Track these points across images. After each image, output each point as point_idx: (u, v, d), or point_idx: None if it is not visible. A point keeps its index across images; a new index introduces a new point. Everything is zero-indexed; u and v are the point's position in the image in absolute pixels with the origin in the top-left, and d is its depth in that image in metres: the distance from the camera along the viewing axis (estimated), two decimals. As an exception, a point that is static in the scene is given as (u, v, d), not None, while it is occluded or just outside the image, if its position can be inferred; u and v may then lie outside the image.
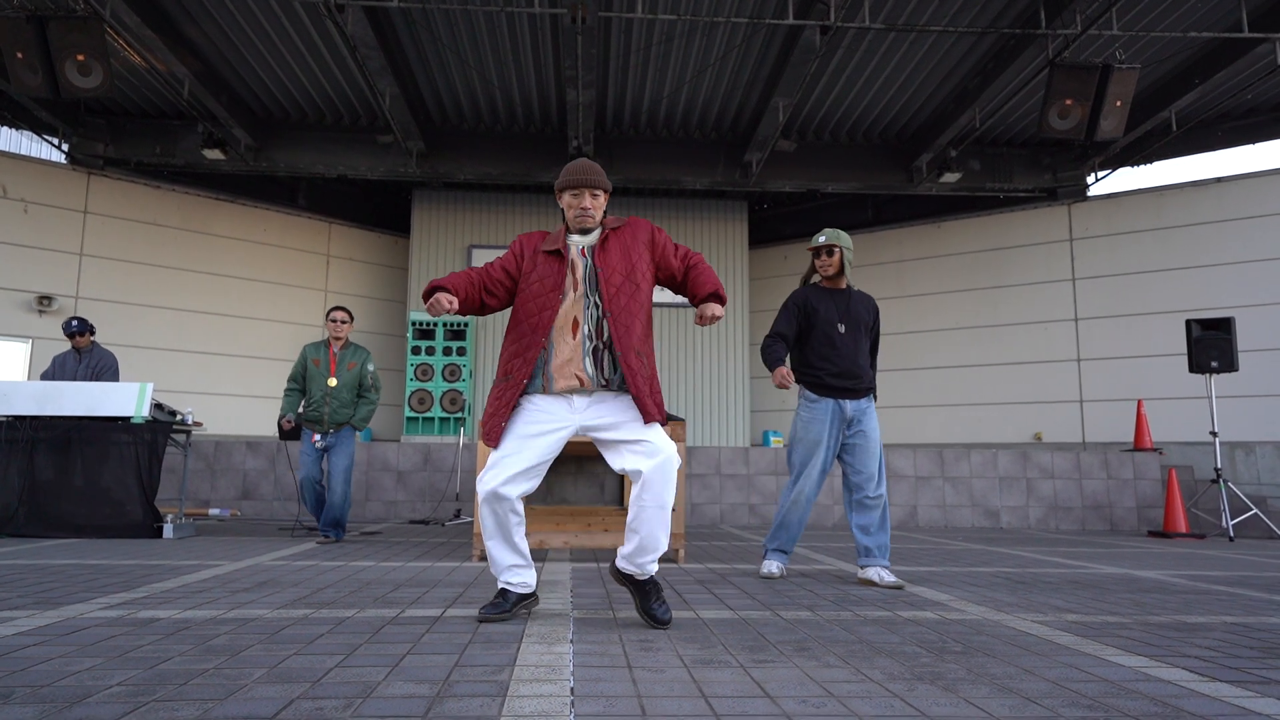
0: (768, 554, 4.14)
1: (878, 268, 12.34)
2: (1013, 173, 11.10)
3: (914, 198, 12.15)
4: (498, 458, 2.71)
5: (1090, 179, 11.20)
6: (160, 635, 2.45)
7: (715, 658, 2.28)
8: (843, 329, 3.99)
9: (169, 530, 5.83)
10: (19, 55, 6.92)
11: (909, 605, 3.27)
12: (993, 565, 4.89)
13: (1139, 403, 9.55)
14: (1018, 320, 11.43)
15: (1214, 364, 8.05)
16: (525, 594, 2.83)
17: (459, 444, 8.53)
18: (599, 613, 2.99)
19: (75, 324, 6.47)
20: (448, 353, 11.20)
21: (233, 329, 11.52)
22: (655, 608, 2.71)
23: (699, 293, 2.86)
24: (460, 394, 10.97)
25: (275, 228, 12.03)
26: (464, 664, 2.16)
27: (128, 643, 2.34)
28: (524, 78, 9.49)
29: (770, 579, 4.03)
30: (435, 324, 11.28)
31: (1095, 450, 9.47)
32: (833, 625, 2.81)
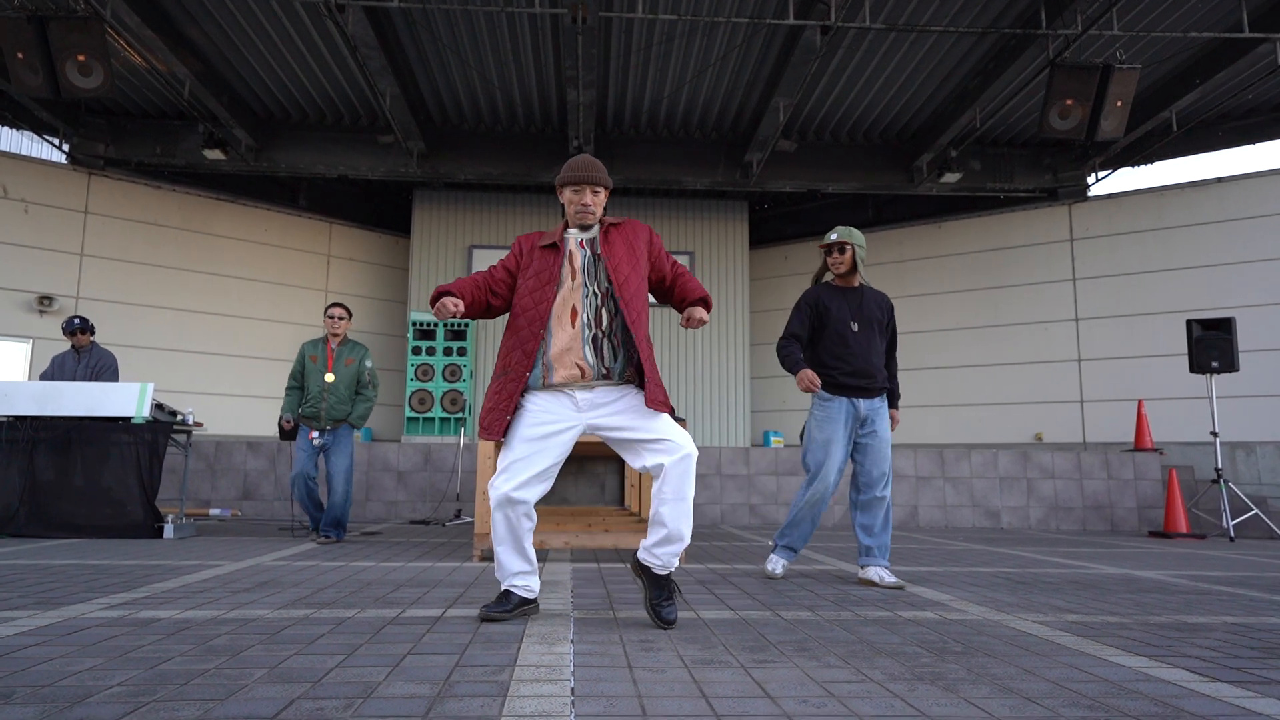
0: (776, 549, 4.10)
1: (878, 268, 12.34)
2: (1013, 173, 11.10)
3: (914, 198, 12.15)
4: (508, 462, 2.72)
5: (1091, 179, 11.20)
6: (161, 635, 2.46)
7: (716, 658, 2.28)
8: (856, 327, 3.98)
9: (170, 530, 5.83)
10: (20, 55, 6.93)
11: (909, 605, 3.27)
12: (993, 565, 4.88)
13: (1139, 403, 9.55)
14: (1018, 320, 11.43)
15: (1215, 364, 8.05)
16: (528, 599, 2.85)
17: (459, 444, 8.53)
18: (599, 613, 2.99)
19: (78, 322, 6.47)
20: (448, 353, 11.22)
21: (233, 329, 11.52)
22: (663, 606, 2.72)
23: (689, 297, 2.94)
24: (461, 394, 10.98)
25: (276, 228, 12.03)
26: (464, 664, 2.16)
27: (128, 643, 2.35)
28: (524, 78, 9.49)
29: (772, 579, 4.02)
30: (436, 324, 11.29)
31: (1096, 450, 9.47)
32: (833, 625, 2.81)
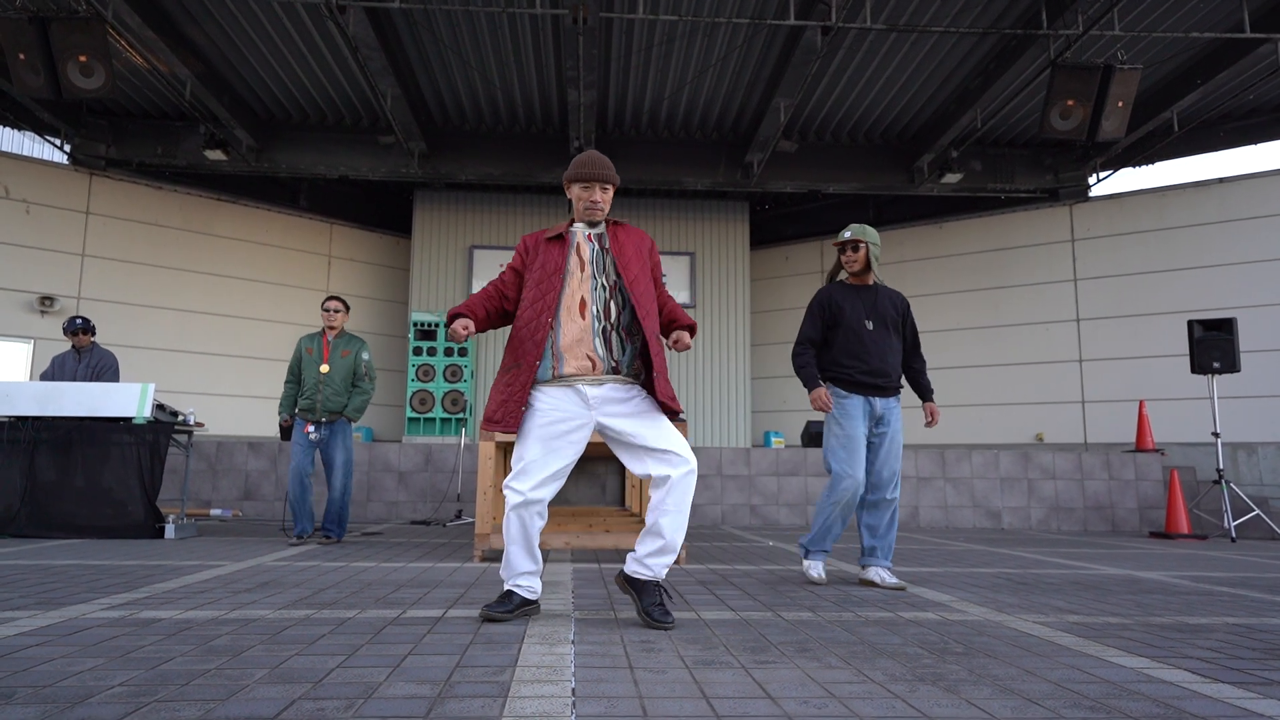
0: (810, 554, 4.01)
1: (879, 268, 12.33)
2: (1014, 173, 11.10)
3: (915, 198, 12.15)
4: (525, 463, 2.72)
5: (1092, 179, 11.19)
6: (162, 636, 2.46)
7: (717, 659, 2.27)
8: (870, 326, 3.97)
9: (171, 531, 5.83)
10: (21, 56, 6.93)
11: (910, 606, 3.27)
12: (994, 566, 4.88)
13: (1141, 403, 9.53)
14: (1019, 321, 11.43)
15: (1216, 365, 8.04)
16: (530, 599, 2.85)
17: (460, 445, 8.53)
18: (600, 613, 2.99)
19: (79, 322, 6.47)
20: (449, 353, 11.22)
21: (234, 329, 11.53)
22: (657, 610, 2.72)
23: (680, 320, 2.97)
24: (461, 394, 10.98)
25: (277, 228, 12.04)
26: (465, 664, 2.16)
27: (129, 643, 2.35)
28: (525, 78, 9.49)
29: (816, 584, 3.94)
30: (437, 325, 11.30)
31: (1097, 451, 9.46)
32: (834, 626, 2.81)
